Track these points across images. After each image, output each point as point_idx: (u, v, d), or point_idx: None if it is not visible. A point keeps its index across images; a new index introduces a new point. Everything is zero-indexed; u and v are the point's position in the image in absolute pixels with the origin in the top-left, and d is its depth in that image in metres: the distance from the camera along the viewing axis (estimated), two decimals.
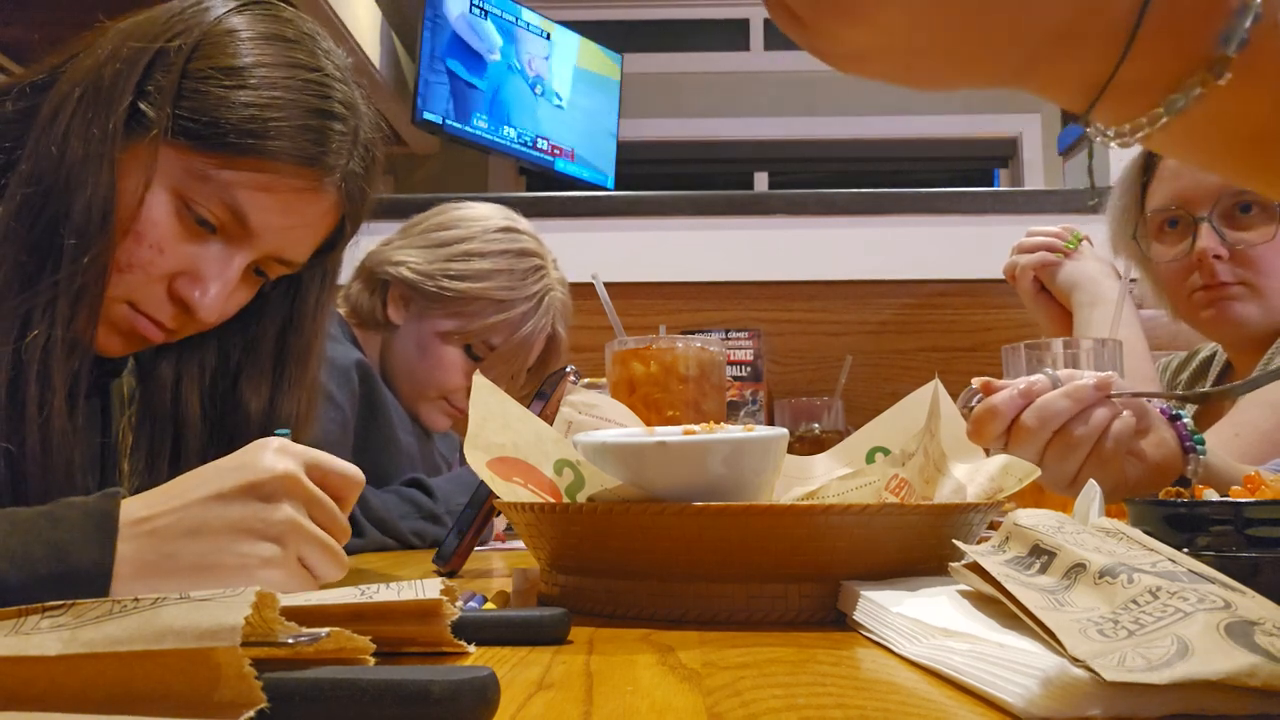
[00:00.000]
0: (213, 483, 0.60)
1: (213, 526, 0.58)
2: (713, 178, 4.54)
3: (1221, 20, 0.33)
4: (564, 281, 1.49)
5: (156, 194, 0.77)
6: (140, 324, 0.80)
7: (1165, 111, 0.35)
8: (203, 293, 0.80)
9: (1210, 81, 0.34)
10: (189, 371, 0.88)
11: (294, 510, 0.60)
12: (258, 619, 0.37)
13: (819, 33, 0.37)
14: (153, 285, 0.79)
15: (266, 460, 0.61)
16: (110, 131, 0.75)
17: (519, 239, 1.45)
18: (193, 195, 0.78)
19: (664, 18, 4.27)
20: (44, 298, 0.73)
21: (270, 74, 0.79)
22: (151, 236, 0.77)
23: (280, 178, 0.79)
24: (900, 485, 0.67)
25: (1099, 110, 0.37)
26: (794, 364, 2.03)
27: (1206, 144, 0.38)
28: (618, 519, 0.59)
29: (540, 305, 1.44)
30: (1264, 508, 0.51)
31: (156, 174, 0.77)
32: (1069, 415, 0.82)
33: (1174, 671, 0.32)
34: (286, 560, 0.60)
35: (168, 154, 0.77)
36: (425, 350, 1.42)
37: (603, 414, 0.86)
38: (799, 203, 2.09)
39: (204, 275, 0.80)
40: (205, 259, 0.80)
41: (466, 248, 1.42)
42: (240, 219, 0.79)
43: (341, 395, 1.29)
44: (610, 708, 0.38)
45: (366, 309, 1.44)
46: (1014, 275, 1.55)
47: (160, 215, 0.77)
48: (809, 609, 0.57)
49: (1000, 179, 4.37)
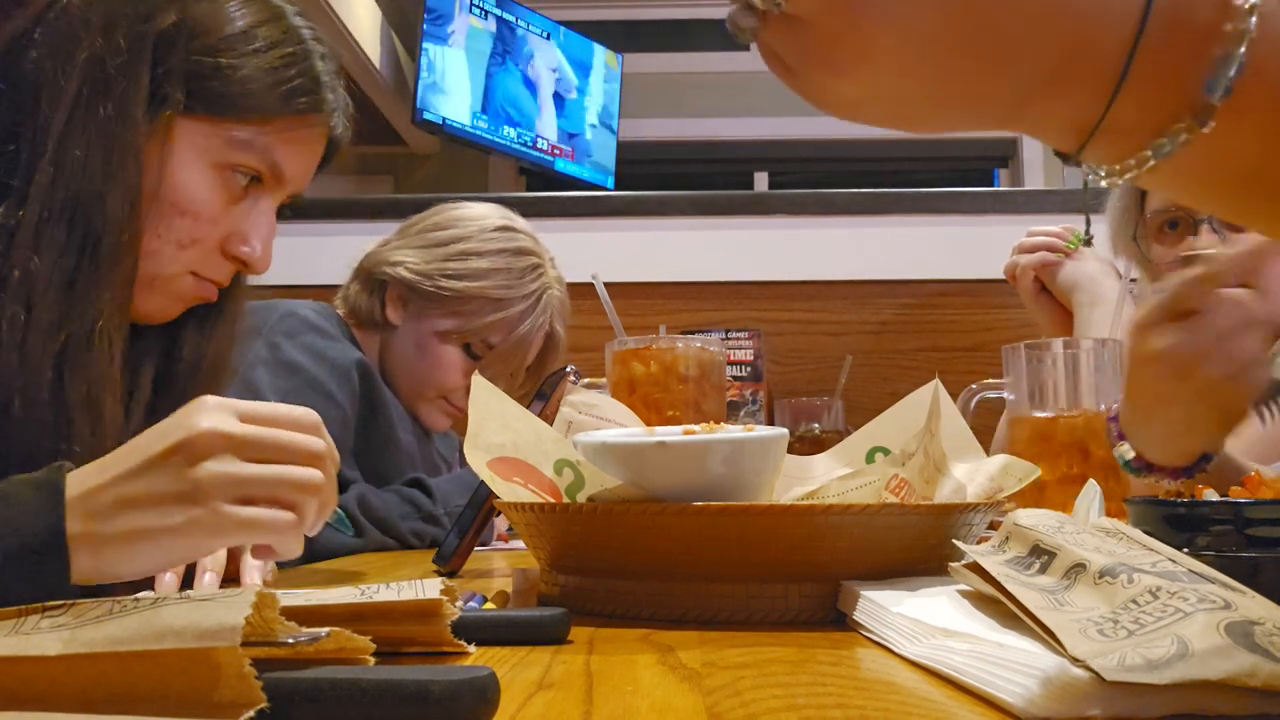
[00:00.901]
0: (141, 450, 0.59)
1: (140, 498, 0.57)
2: (713, 178, 4.54)
3: (1207, 67, 0.34)
4: (561, 280, 1.49)
5: (202, 171, 0.82)
6: (203, 289, 0.86)
7: (1153, 155, 0.36)
8: (254, 249, 0.86)
9: (1196, 129, 0.34)
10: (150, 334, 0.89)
11: (218, 465, 0.58)
12: (258, 619, 0.37)
13: (811, 84, 0.38)
14: (212, 254, 0.85)
15: (190, 420, 0.59)
16: (131, 123, 0.77)
17: (516, 238, 1.45)
18: (236, 162, 0.83)
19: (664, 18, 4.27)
20: (85, 295, 0.75)
21: (268, 33, 0.84)
22: (206, 211, 0.82)
23: (305, 128, 0.86)
24: (900, 485, 0.67)
25: (1089, 151, 0.37)
26: (794, 364, 2.03)
27: (1197, 184, 0.38)
28: (618, 519, 0.59)
29: (538, 304, 1.44)
30: (1264, 508, 0.51)
31: (196, 152, 0.81)
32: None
33: (1174, 671, 0.32)
34: (214, 518, 0.57)
35: (202, 130, 0.81)
36: (424, 350, 1.42)
37: (603, 414, 0.86)
38: (799, 203, 2.09)
39: (253, 232, 0.86)
40: (250, 216, 0.85)
41: (464, 247, 1.42)
42: (277, 172, 0.86)
43: (341, 394, 1.29)
44: (610, 708, 0.38)
45: (365, 309, 1.44)
46: (1014, 275, 1.55)
47: (208, 191, 0.82)
48: (809, 609, 0.57)
49: (1000, 179, 4.37)
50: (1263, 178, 0.36)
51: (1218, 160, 0.36)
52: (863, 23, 0.35)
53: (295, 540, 0.61)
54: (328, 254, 1.53)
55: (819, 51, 0.36)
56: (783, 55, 0.38)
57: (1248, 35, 0.33)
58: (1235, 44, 0.33)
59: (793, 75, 0.38)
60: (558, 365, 1.40)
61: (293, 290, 1.74)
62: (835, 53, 0.36)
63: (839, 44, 0.36)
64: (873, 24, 0.35)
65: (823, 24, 0.35)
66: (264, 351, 1.26)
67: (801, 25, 0.36)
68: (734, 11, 0.37)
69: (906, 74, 0.36)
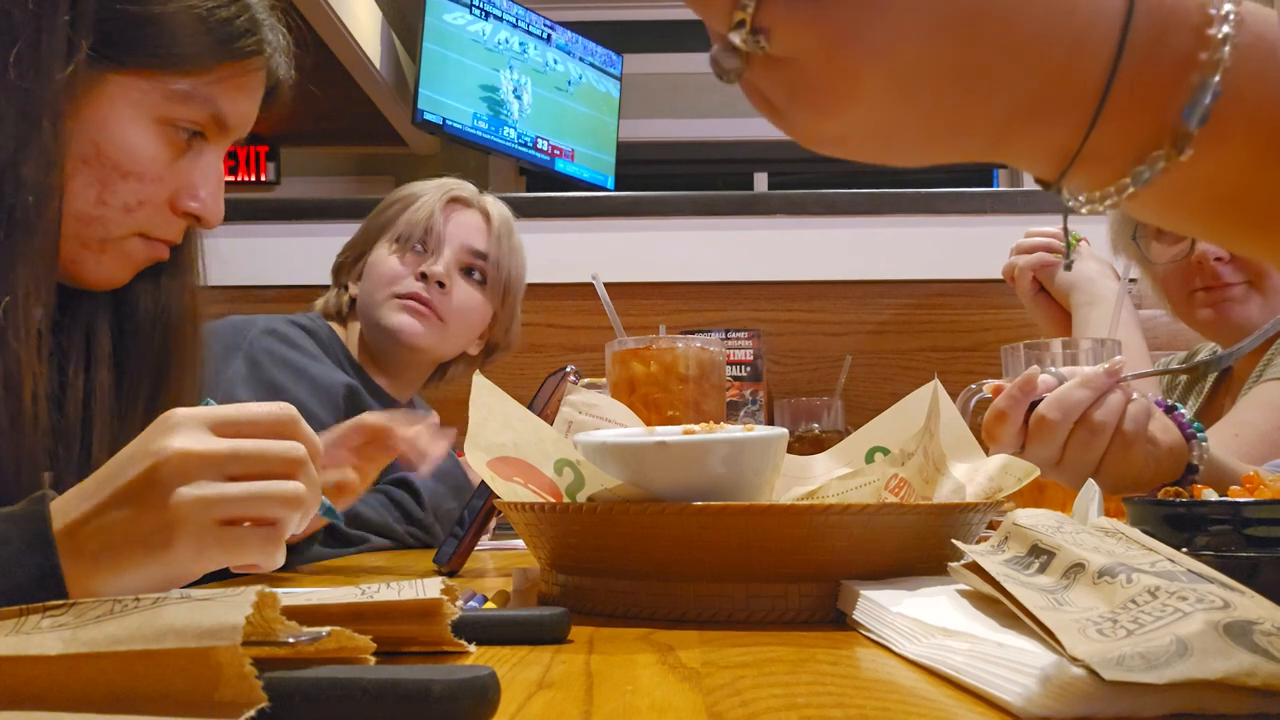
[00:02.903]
0: (116, 476, 0.56)
1: (121, 532, 0.55)
2: (713, 178, 4.54)
3: (1184, 95, 0.34)
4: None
5: (143, 128, 0.78)
6: (155, 249, 0.83)
7: (1132, 183, 0.36)
8: (205, 202, 0.83)
9: (1174, 156, 0.35)
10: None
11: (194, 490, 0.55)
12: (258, 618, 0.37)
13: (797, 123, 0.38)
14: (161, 212, 0.81)
15: (158, 443, 0.56)
16: (49, 81, 0.73)
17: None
18: (178, 115, 0.80)
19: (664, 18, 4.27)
20: (2, 267, 0.71)
21: None
22: (151, 170, 0.79)
23: (244, 72, 0.83)
24: (900, 485, 0.67)
25: (1069, 179, 0.38)
26: (794, 364, 2.03)
27: (1177, 209, 0.39)
28: (618, 519, 0.59)
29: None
30: (1263, 508, 0.51)
31: (135, 108, 0.77)
32: (1088, 403, 0.82)
33: (1173, 671, 0.32)
34: (198, 547, 0.55)
35: (140, 84, 0.78)
36: (365, 275, 1.47)
37: (603, 414, 0.86)
38: (799, 203, 2.08)
39: (201, 185, 0.82)
40: (197, 169, 0.82)
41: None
42: (220, 121, 0.82)
43: (324, 413, 1.29)
44: (610, 708, 0.38)
45: (334, 304, 1.49)
46: (1013, 276, 1.56)
47: (153, 148, 0.79)
48: (809, 609, 0.57)
49: (1000, 179, 4.37)
50: (1244, 202, 0.37)
51: (1198, 186, 0.36)
52: (848, 61, 0.35)
53: (278, 553, 0.58)
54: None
55: (804, 92, 0.36)
56: (768, 95, 0.38)
57: (1222, 64, 0.33)
58: (1211, 72, 0.34)
59: (779, 114, 0.38)
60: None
61: (294, 290, 1.75)
62: (821, 92, 0.36)
63: (825, 83, 0.36)
64: (858, 62, 0.35)
65: (808, 63, 0.35)
66: (244, 369, 1.26)
67: (786, 65, 0.36)
68: (716, 52, 0.37)
69: (892, 110, 0.36)
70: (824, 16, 0.34)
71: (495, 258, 1.47)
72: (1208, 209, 0.38)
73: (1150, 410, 0.86)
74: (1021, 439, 0.85)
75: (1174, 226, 0.42)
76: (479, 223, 1.49)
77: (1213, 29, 0.34)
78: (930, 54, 0.35)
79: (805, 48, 0.35)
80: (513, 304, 1.53)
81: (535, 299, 1.67)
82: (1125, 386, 0.84)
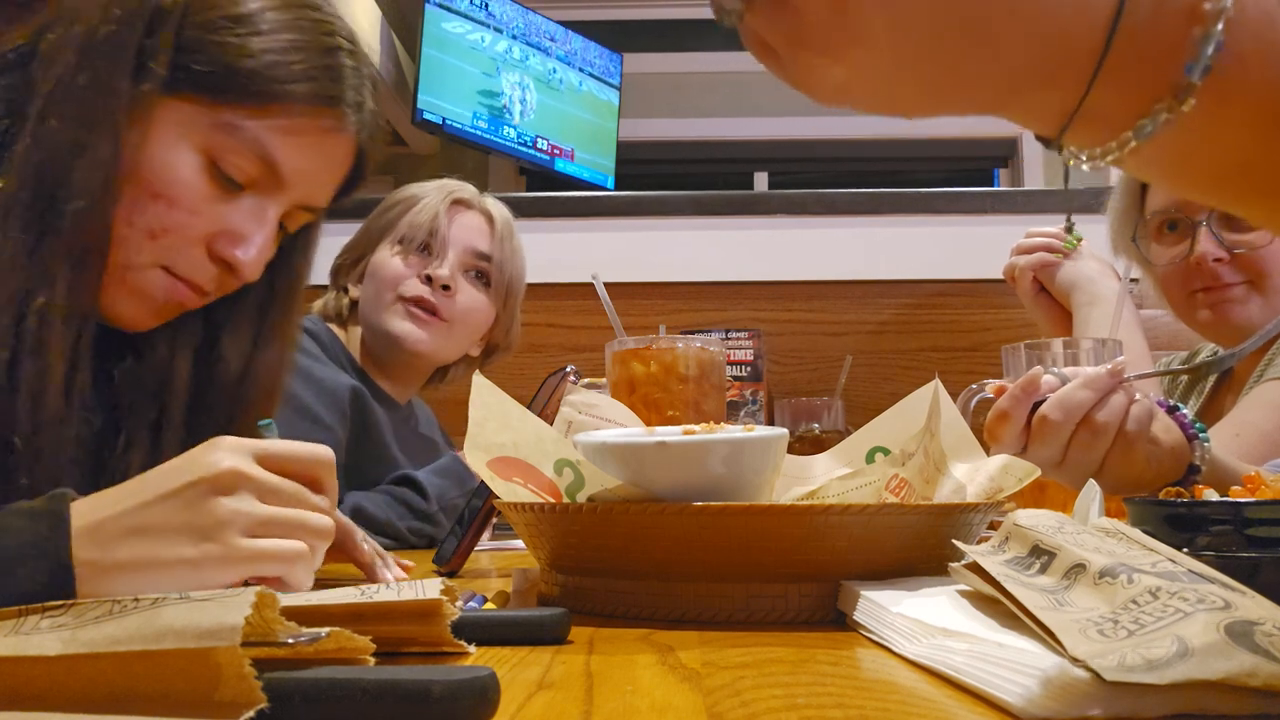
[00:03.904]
0: (157, 484, 0.59)
1: (154, 528, 0.57)
2: (713, 178, 4.53)
3: (1186, 49, 0.34)
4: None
5: (183, 154, 0.76)
6: (178, 291, 0.79)
7: (1134, 136, 0.36)
8: (244, 251, 0.79)
9: (1176, 108, 0.35)
10: (182, 341, 0.86)
11: (236, 504, 0.58)
12: (258, 619, 0.37)
13: (798, 68, 0.38)
14: (191, 249, 0.78)
15: (210, 458, 0.59)
16: (113, 93, 0.73)
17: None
18: (223, 150, 0.77)
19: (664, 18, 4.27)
20: (41, 268, 0.71)
21: (279, 16, 0.78)
22: (185, 199, 0.76)
23: (307, 120, 0.79)
24: (900, 485, 0.67)
25: (1070, 135, 0.38)
26: (794, 364, 2.03)
27: (1180, 170, 0.39)
28: (618, 519, 0.59)
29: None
30: (1264, 508, 0.51)
31: (180, 132, 0.76)
32: (1091, 404, 0.82)
33: (1174, 671, 0.32)
34: (225, 551, 0.58)
35: (190, 111, 0.76)
36: (369, 278, 1.46)
37: (603, 414, 0.86)
38: (799, 203, 2.08)
39: (243, 232, 0.79)
40: (241, 215, 0.79)
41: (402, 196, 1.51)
42: (272, 168, 0.79)
43: (330, 417, 1.29)
44: (610, 708, 0.38)
45: (334, 306, 1.49)
46: (1013, 276, 1.56)
47: (190, 176, 0.76)
48: (809, 609, 0.57)
49: (1000, 179, 4.37)
50: (1251, 170, 0.37)
51: (1202, 148, 0.36)
52: (852, 5, 0.35)
53: (306, 572, 0.61)
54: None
55: (807, 35, 0.36)
56: (769, 39, 0.37)
57: (1225, 14, 0.33)
58: (1213, 22, 0.34)
59: (778, 60, 0.38)
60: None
61: None
62: (824, 36, 0.36)
63: (828, 27, 0.36)
64: (861, 6, 0.35)
65: (810, 6, 0.35)
66: None
67: (788, 8, 0.36)
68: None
69: (894, 58, 0.36)
70: None
71: (498, 260, 1.47)
72: (1213, 175, 0.38)
73: (1153, 411, 0.86)
74: (1024, 439, 0.85)
75: (1181, 190, 0.42)
76: (482, 225, 1.49)
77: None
78: (934, 2, 0.34)
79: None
80: (514, 306, 1.53)
81: (535, 299, 1.67)
82: (1128, 387, 0.84)
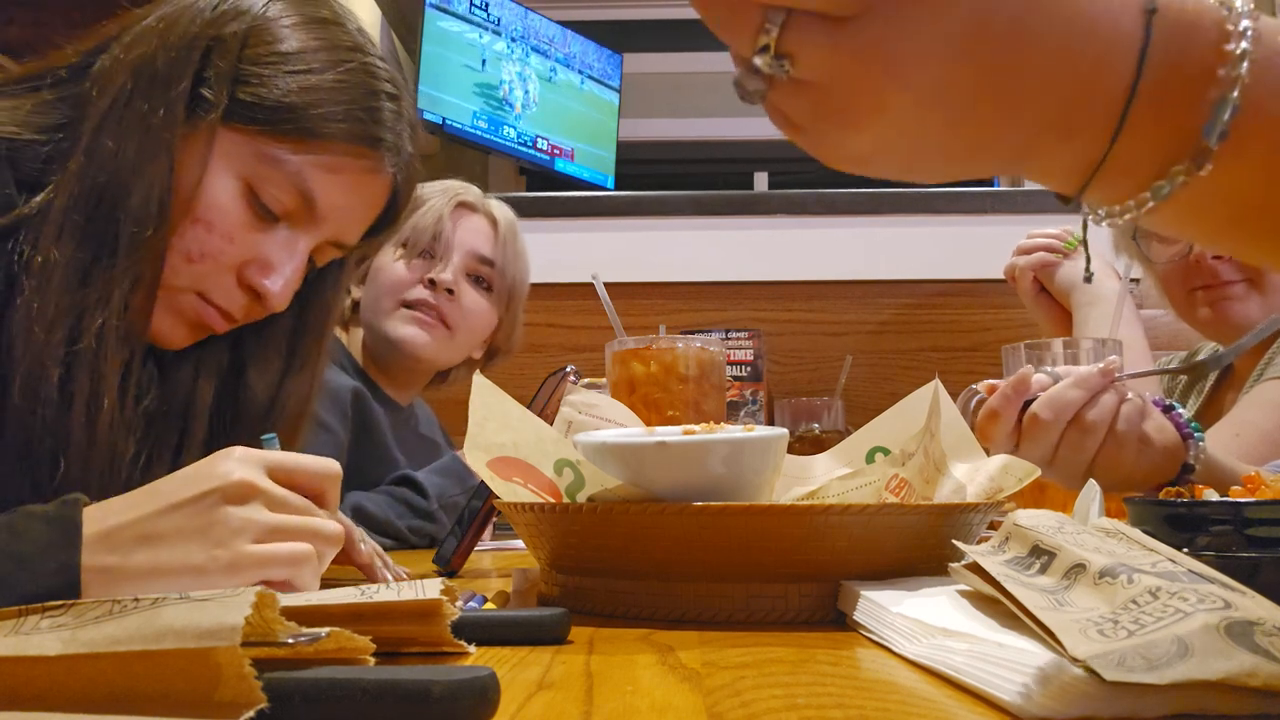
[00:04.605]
0: (169, 493, 0.60)
1: (165, 535, 0.58)
2: (713, 178, 4.53)
3: (1204, 111, 0.34)
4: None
5: (225, 181, 0.78)
6: (208, 314, 0.81)
7: (1152, 198, 0.36)
8: (273, 281, 0.80)
9: (1194, 171, 0.35)
10: (206, 365, 0.87)
11: (247, 514, 0.60)
12: (258, 619, 0.37)
13: (822, 140, 0.38)
14: (223, 275, 0.80)
15: (222, 468, 0.61)
16: (169, 119, 0.75)
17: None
18: (264, 180, 0.78)
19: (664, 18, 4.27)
20: (98, 289, 0.73)
21: (326, 57, 0.80)
22: (222, 225, 0.78)
23: (347, 159, 0.81)
24: (900, 485, 0.67)
25: (1090, 194, 0.38)
26: (794, 364, 2.03)
27: (1197, 223, 0.39)
28: (618, 519, 0.59)
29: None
30: (1264, 508, 0.51)
31: (225, 161, 0.77)
32: (1081, 403, 0.82)
33: (1174, 672, 0.32)
34: (233, 557, 0.59)
35: (235, 140, 0.78)
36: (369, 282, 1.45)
37: (603, 414, 0.86)
38: (799, 203, 2.08)
39: (274, 263, 0.80)
40: (273, 246, 0.80)
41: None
42: (309, 202, 0.80)
43: (333, 419, 1.29)
44: (610, 708, 0.38)
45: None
46: (1014, 276, 1.56)
47: (229, 203, 0.78)
48: (809, 609, 0.57)
49: (1000, 179, 4.37)
50: (1264, 213, 0.37)
51: (1217, 199, 0.36)
52: (873, 82, 0.35)
53: (313, 575, 0.62)
54: None
55: (829, 111, 0.37)
56: (791, 115, 0.38)
57: (1241, 80, 0.34)
58: (1230, 88, 0.34)
59: (802, 133, 0.38)
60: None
61: None
62: (846, 112, 0.36)
63: (849, 103, 0.36)
64: (883, 83, 0.35)
65: (832, 85, 0.36)
66: None
67: (810, 86, 0.36)
68: (740, 75, 0.37)
69: (916, 129, 0.36)
70: (849, 41, 0.34)
71: (501, 264, 1.47)
72: (1227, 222, 0.38)
73: (1144, 410, 0.86)
74: (1015, 438, 0.85)
75: (1193, 238, 0.42)
76: (486, 228, 1.48)
77: (1231, 45, 0.34)
78: (954, 75, 0.35)
79: (830, 71, 0.35)
80: (516, 309, 1.52)
81: (535, 299, 1.67)
82: (1119, 386, 0.84)
